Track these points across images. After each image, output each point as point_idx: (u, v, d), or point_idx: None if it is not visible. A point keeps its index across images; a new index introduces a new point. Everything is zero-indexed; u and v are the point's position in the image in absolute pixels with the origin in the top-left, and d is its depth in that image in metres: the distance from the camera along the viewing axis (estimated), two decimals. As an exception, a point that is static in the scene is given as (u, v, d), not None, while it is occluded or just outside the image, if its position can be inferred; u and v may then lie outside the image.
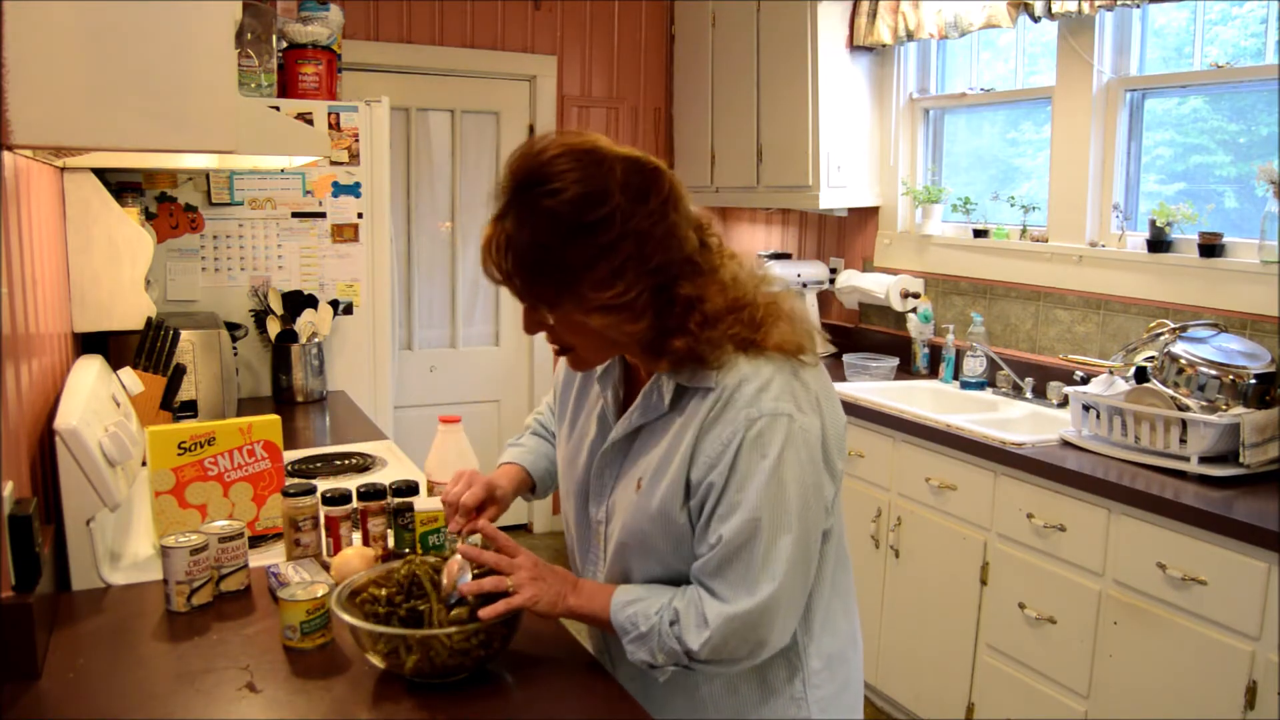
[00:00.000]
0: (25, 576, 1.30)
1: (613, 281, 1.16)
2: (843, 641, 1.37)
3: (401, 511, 1.70)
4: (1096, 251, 3.07)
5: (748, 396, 1.21)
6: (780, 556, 1.20)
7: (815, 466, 1.23)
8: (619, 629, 1.27)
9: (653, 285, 1.19)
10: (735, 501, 1.20)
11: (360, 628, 1.25)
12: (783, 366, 1.24)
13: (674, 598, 1.25)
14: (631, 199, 1.16)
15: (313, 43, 3.22)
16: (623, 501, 1.31)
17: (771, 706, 1.32)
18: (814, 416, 1.24)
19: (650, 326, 1.21)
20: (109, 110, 1.14)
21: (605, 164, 1.17)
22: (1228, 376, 2.37)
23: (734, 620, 1.20)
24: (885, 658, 3.09)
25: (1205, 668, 2.12)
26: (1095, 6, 2.90)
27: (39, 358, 1.79)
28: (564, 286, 1.18)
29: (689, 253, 1.21)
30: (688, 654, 1.22)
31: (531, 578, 1.30)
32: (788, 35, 3.93)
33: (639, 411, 1.29)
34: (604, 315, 1.19)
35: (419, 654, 1.23)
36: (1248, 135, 2.83)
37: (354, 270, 3.34)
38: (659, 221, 1.18)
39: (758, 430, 1.19)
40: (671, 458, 1.25)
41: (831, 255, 4.27)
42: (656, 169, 1.21)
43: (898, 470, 3.01)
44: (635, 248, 1.16)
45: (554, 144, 1.18)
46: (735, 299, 1.23)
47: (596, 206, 1.14)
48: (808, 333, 1.29)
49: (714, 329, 1.21)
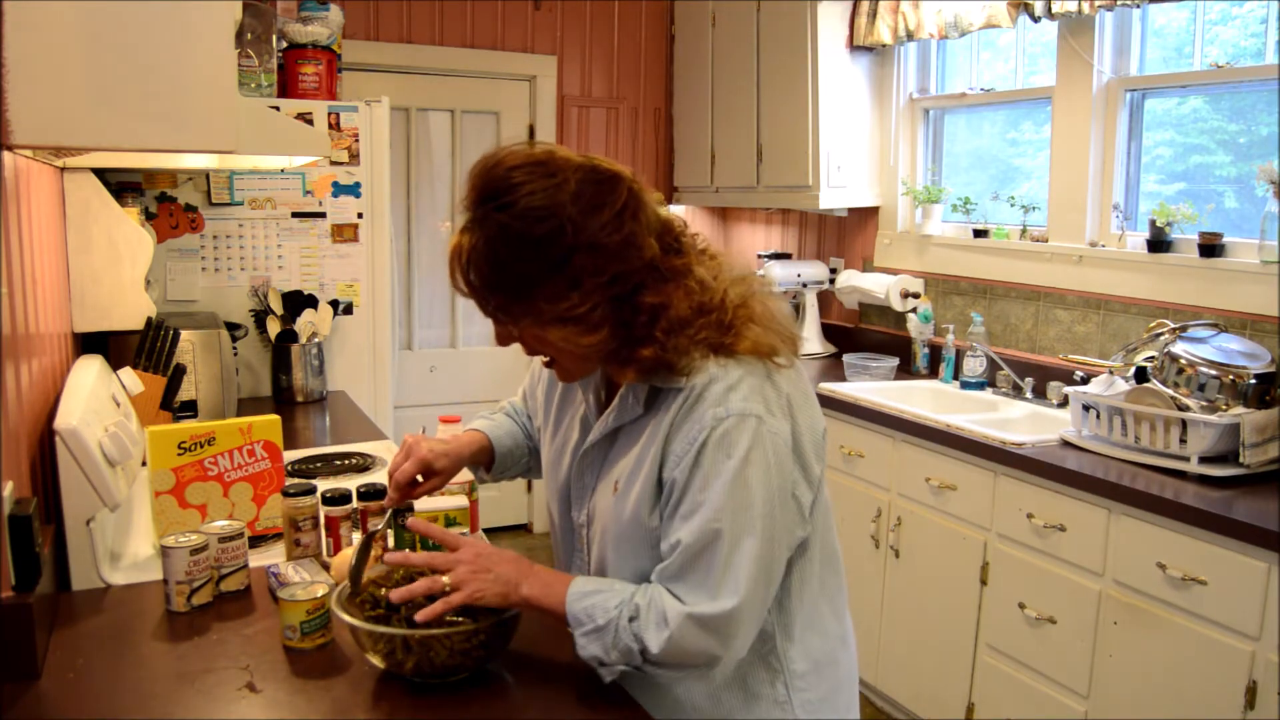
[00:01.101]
0: (25, 576, 1.30)
1: (567, 294, 1.16)
2: (832, 643, 1.35)
3: (401, 511, 1.70)
4: (1096, 251, 3.07)
5: (715, 395, 1.20)
6: (743, 561, 1.18)
7: (784, 471, 1.21)
8: (573, 620, 1.22)
9: (610, 296, 1.18)
10: (697, 501, 1.19)
11: (359, 628, 1.25)
12: (755, 368, 1.22)
13: (635, 594, 1.22)
14: (584, 210, 1.15)
15: (313, 43, 3.22)
16: (602, 504, 1.30)
17: (754, 710, 1.30)
18: (784, 420, 1.22)
19: (610, 337, 1.20)
20: (109, 110, 1.14)
21: (559, 176, 1.16)
22: (1228, 376, 2.37)
23: (694, 621, 1.18)
24: (885, 658, 3.09)
25: (1205, 668, 2.12)
26: (1095, 6, 2.90)
27: (39, 358, 1.79)
28: (519, 299, 1.18)
29: (650, 260, 1.20)
30: (643, 653, 1.19)
31: (473, 571, 1.25)
32: (788, 35, 3.93)
33: (614, 414, 1.29)
34: (560, 327, 1.19)
35: (418, 654, 1.23)
36: (1248, 135, 2.83)
37: (354, 270, 3.34)
38: (613, 232, 1.17)
39: (724, 430, 1.18)
40: (644, 459, 1.24)
41: (831, 255, 4.27)
42: (614, 177, 1.20)
43: (898, 470, 3.01)
44: (589, 260, 1.15)
45: (510, 155, 1.18)
46: (702, 304, 1.21)
47: (545, 219, 1.14)
48: (782, 335, 1.27)
49: (680, 336, 1.19)
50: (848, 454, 3.19)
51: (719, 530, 1.17)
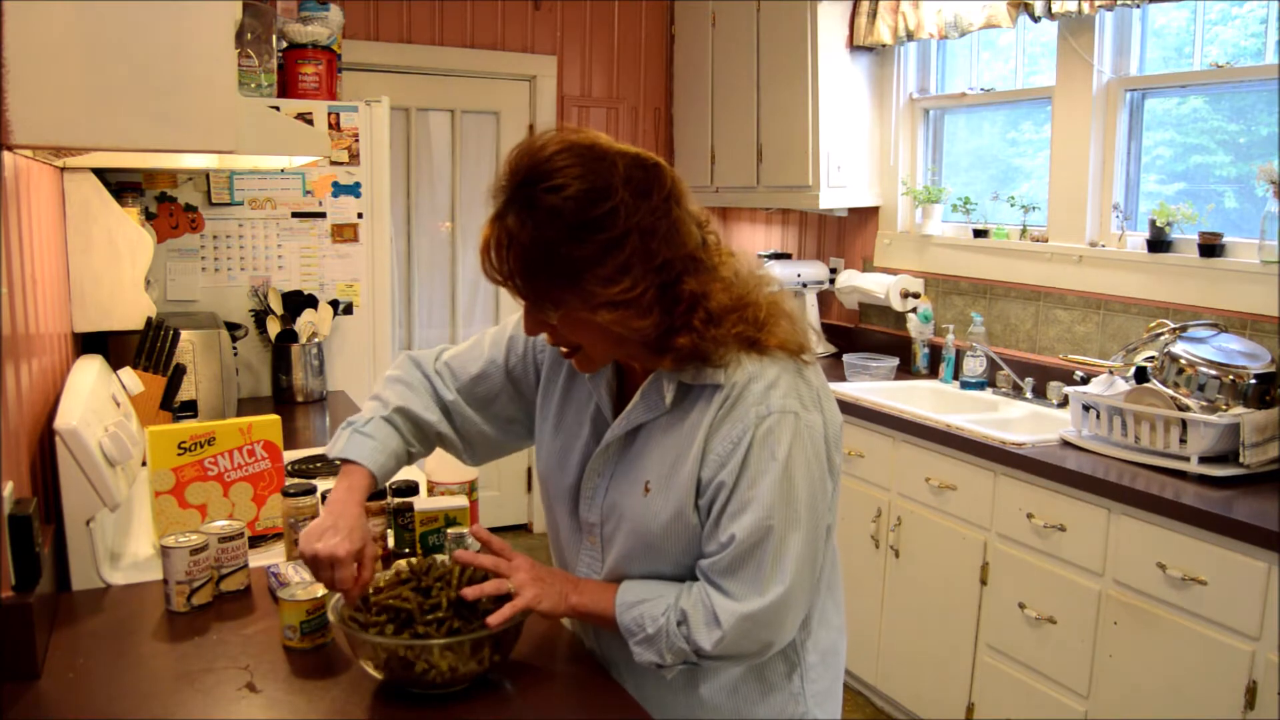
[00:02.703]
0: (25, 576, 1.30)
1: (619, 277, 1.16)
2: (834, 635, 1.38)
3: (401, 511, 1.70)
4: (1096, 251, 3.07)
5: (757, 394, 1.21)
6: (790, 554, 1.20)
7: (820, 463, 1.24)
8: (625, 631, 1.26)
9: (658, 281, 1.18)
10: (747, 499, 1.20)
11: (358, 638, 1.23)
12: (787, 365, 1.24)
13: (679, 597, 1.24)
14: (635, 194, 1.15)
15: (313, 43, 3.22)
16: (628, 504, 1.29)
17: (770, 704, 1.32)
18: (817, 414, 1.24)
19: (657, 323, 1.20)
20: (109, 110, 1.14)
21: (607, 159, 1.16)
22: (1228, 376, 2.37)
23: (747, 619, 1.20)
24: (885, 658, 3.09)
25: (1205, 668, 2.12)
26: (1095, 6, 2.90)
27: (39, 358, 1.79)
28: (569, 283, 1.16)
29: (693, 249, 1.21)
30: (697, 652, 1.22)
31: (532, 578, 1.29)
32: (788, 35, 3.93)
33: (639, 409, 1.28)
34: (611, 311, 1.18)
35: (423, 666, 1.21)
36: (1248, 135, 2.83)
37: (354, 270, 3.34)
38: (663, 217, 1.17)
39: (767, 428, 1.20)
40: (683, 459, 1.24)
41: (831, 255, 4.27)
42: (658, 165, 1.21)
43: (898, 470, 3.00)
44: (640, 242, 1.15)
45: (554, 140, 1.18)
46: (739, 297, 1.23)
47: (600, 202, 1.14)
48: (807, 332, 1.29)
49: (719, 327, 1.20)
50: (848, 454, 3.19)
51: (770, 527, 1.19)
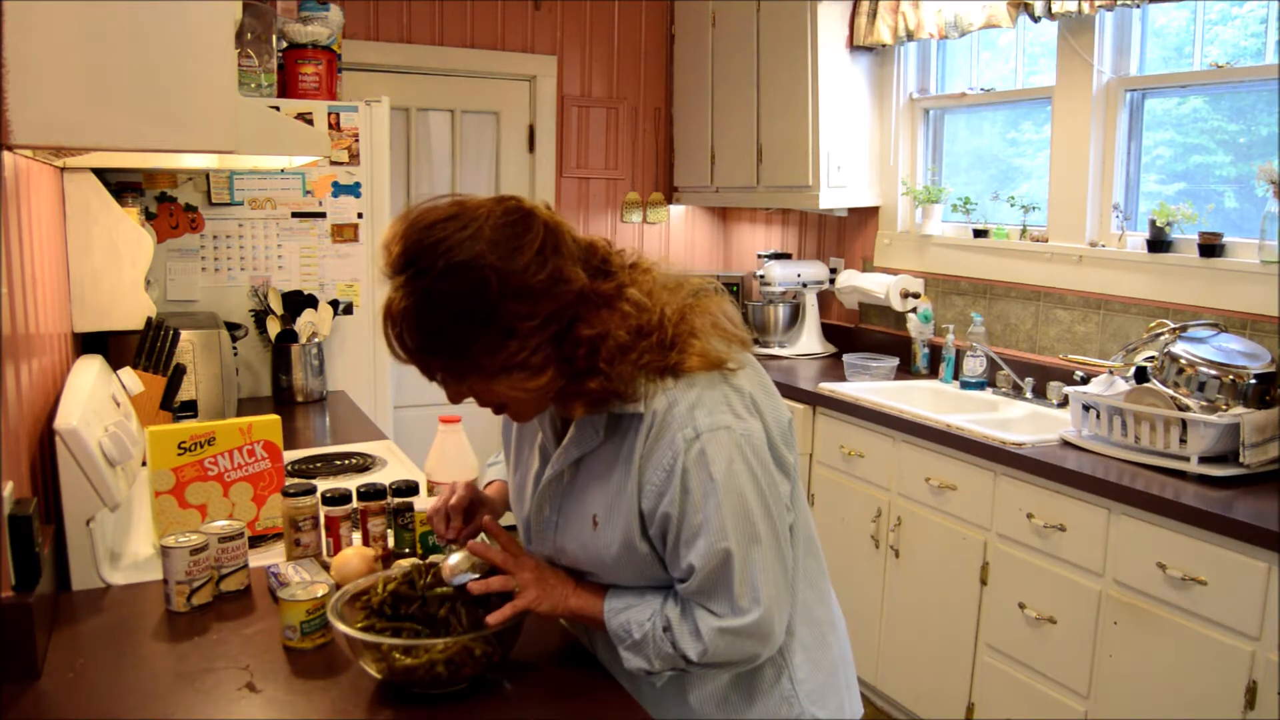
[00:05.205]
0: (25, 576, 1.30)
1: (503, 343, 1.14)
2: (821, 628, 1.37)
3: (401, 511, 1.70)
4: (1096, 251, 3.07)
5: (680, 417, 1.19)
6: (757, 570, 1.19)
7: (767, 468, 1.22)
8: (614, 636, 1.26)
9: (549, 334, 1.16)
10: (695, 526, 1.18)
11: (356, 638, 1.23)
12: (711, 379, 1.22)
13: (664, 603, 1.24)
14: (503, 256, 1.12)
15: (313, 43, 3.22)
16: (579, 538, 1.29)
17: (762, 708, 1.31)
18: (754, 419, 1.22)
19: (557, 375, 1.19)
20: (109, 110, 1.14)
21: (470, 226, 1.13)
22: (1228, 376, 2.37)
23: (728, 634, 1.20)
24: (885, 658, 3.09)
25: (1205, 668, 2.12)
26: (1095, 6, 2.90)
27: (39, 358, 1.79)
28: (458, 359, 1.16)
29: (580, 290, 1.17)
30: (684, 659, 1.22)
31: (535, 579, 1.29)
32: (788, 35, 3.93)
33: (573, 443, 1.27)
34: (506, 377, 1.17)
35: (424, 666, 1.22)
36: (1248, 135, 2.83)
37: (354, 270, 3.34)
38: (538, 271, 1.14)
39: (699, 450, 1.18)
40: (622, 492, 1.23)
41: (831, 255, 4.27)
42: (527, 214, 1.17)
43: (898, 470, 3.01)
44: (518, 305, 1.13)
45: (426, 213, 1.16)
46: (640, 326, 1.19)
47: (466, 275, 1.11)
48: (730, 337, 1.26)
49: (623, 363, 1.17)
50: (848, 454, 3.19)
51: (727, 549, 1.18)
